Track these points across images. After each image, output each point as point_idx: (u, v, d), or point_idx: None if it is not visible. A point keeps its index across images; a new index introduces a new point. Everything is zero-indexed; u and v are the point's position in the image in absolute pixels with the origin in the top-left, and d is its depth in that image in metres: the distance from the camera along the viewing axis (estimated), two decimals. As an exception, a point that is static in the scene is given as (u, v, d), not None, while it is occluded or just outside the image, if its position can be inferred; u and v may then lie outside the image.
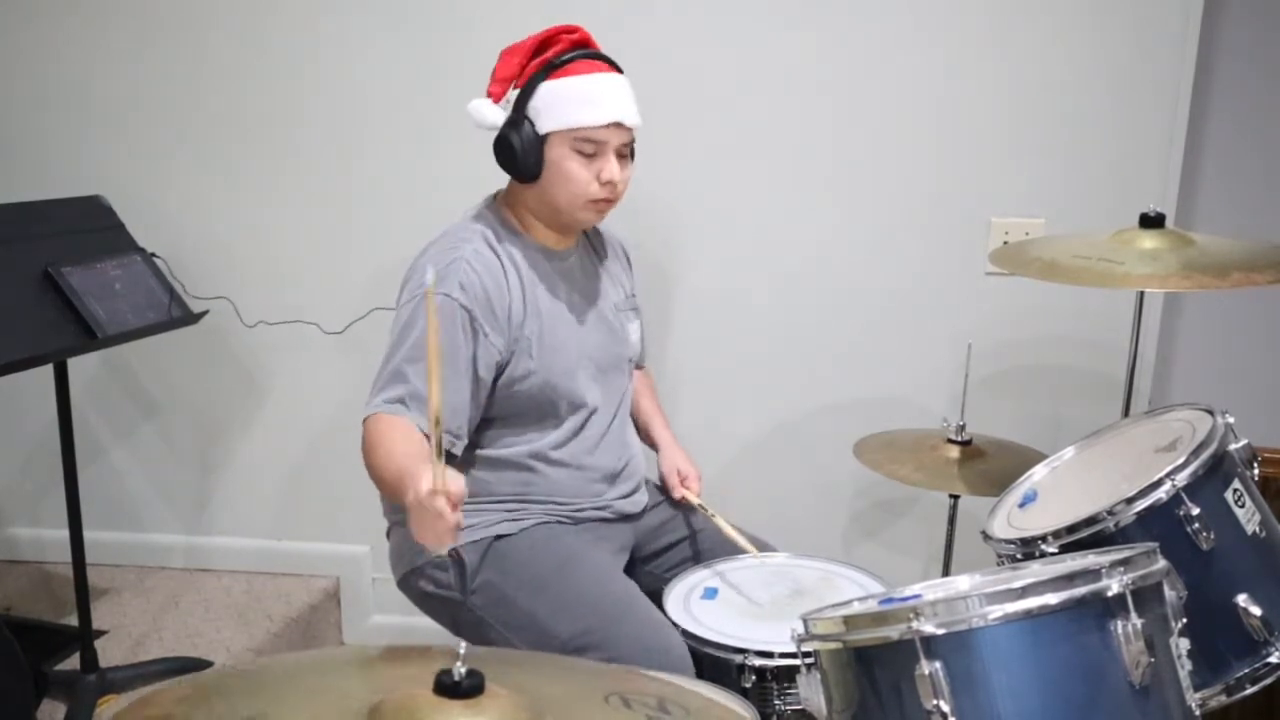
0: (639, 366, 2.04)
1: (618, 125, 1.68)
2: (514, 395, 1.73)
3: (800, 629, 1.30)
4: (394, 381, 1.64)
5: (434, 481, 1.29)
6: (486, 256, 1.70)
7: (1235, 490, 1.45)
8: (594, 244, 1.91)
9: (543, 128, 1.68)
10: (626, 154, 1.74)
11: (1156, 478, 1.42)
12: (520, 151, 1.69)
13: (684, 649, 1.61)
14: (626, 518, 1.87)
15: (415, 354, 1.64)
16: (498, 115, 1.71)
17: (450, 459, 1.67)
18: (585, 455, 1.81)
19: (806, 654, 1.30)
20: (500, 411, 1.74)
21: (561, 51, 1.70)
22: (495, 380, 1.71)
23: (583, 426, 1.80)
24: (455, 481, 1.31)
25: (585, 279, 1.84)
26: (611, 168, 1.69)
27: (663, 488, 1.99)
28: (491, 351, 1.68)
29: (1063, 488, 1.65)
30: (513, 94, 1.72)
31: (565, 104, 1.67)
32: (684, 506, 1.97)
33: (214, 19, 2.42)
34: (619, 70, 1.74)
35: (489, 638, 1.72)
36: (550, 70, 1.68)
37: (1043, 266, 1.77)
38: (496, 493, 1.76)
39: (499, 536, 1.74)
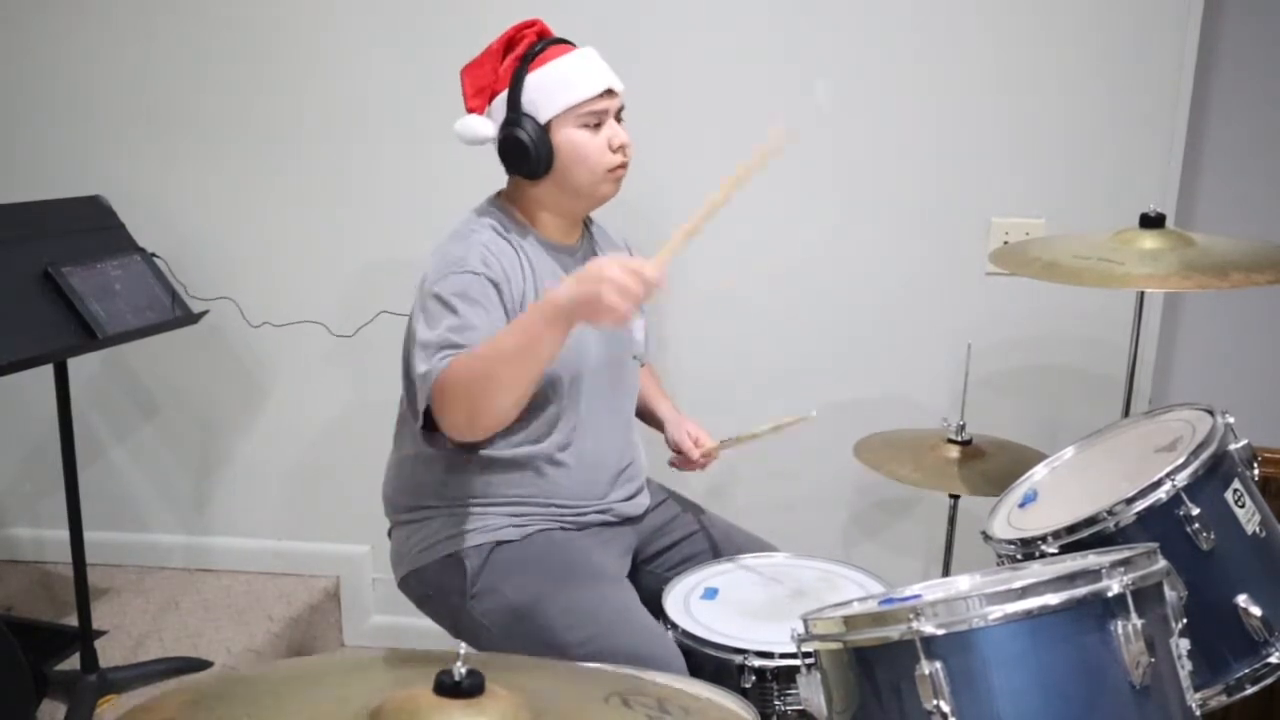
0: (643, 364, 2.04)
1: (610, 91, 1.72)
2: None
3: (800, 629, 1.30)
4: (443, 348, 1.58)
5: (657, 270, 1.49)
6: (500, 244, 1.71)
7: (1235, 490, 1.45)
8: (598, 240, 1.91)
9: (543, 116, 1.68)
10: (621, 119, 1.76)
11: (1156, 478, 1.41)
12: (531, 146, 1.69)
13: (681, 661, 1.60)
14: (628, 520, 1.87)
15: (464, 325, 1.60)
16: (488, 126, 1.71)
17: (453, 459, 1.67)
18: (588, 455, 1.80)
19: (806, 654, 1.30)
20: None
21: (531, 44, 1.71)
22: None
23: (586, 426, 1.79)
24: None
25: None
26: (619, 131, 1.73)
27: (670, 491, 1.99)
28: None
29: (1063, 488, 1.65)
30: (499, 101, 1.72)
31: (558, 87, 1.68)
32: (690, 505, 1.98)
33: (215, 17, 2.42)
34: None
35: (487, 642, 1.71)
36: (528, 63, 1.69)
37: (1043, 266, 1.77)
38: (499, 494, 1.75)
39: (501, 543, 1.74)
